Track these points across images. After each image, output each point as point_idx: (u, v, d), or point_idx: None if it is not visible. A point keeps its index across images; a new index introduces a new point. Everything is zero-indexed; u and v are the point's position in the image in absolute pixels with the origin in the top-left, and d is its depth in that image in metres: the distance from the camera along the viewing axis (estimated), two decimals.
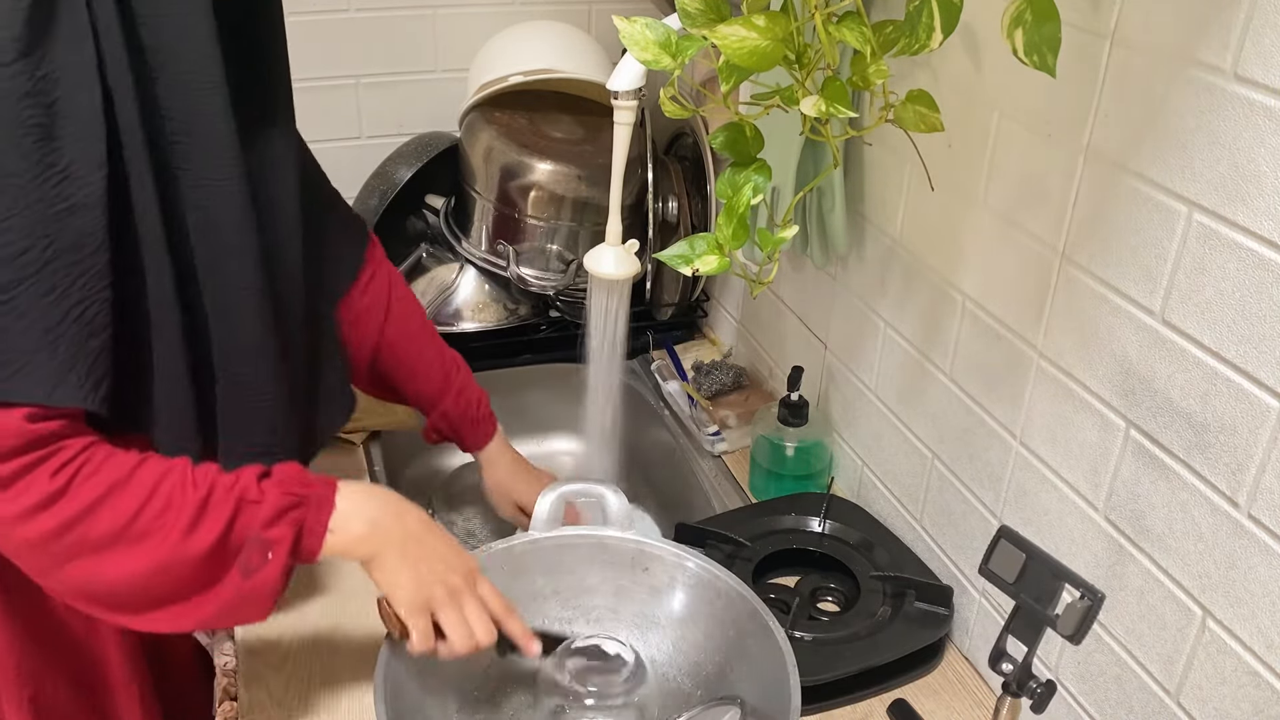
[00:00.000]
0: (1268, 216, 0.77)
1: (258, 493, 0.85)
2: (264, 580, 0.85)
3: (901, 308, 1.24)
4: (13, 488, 0.78)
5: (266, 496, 0.85)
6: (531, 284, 1.59)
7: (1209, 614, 0.88)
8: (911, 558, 1.25)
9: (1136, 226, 0.89)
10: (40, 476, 0.78)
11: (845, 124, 1.12)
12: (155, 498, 0.81)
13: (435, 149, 1.65)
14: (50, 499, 0.78)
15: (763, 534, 1.27)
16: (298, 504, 0.86)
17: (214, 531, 0.82)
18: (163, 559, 0.82)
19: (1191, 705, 0.91)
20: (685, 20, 0.92)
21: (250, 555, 0.84)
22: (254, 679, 1.09)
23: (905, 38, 0.87)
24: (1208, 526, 0.87)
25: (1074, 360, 0.99)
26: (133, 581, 0.82)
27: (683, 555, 1.09)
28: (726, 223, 0.99)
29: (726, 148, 1.01)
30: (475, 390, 1.28)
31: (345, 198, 1.67)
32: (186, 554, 0.82)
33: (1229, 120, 0.79)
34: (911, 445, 1.26)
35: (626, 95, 1.10)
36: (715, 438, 1.51)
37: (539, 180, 1.55)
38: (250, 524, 0.84)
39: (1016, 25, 0.81)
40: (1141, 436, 0.92)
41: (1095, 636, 1.00)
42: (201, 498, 0.83)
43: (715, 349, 1.75)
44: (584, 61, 1.63)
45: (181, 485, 0.83)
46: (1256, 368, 0.80)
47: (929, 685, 1.14)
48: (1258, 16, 0.76)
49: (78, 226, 0.77)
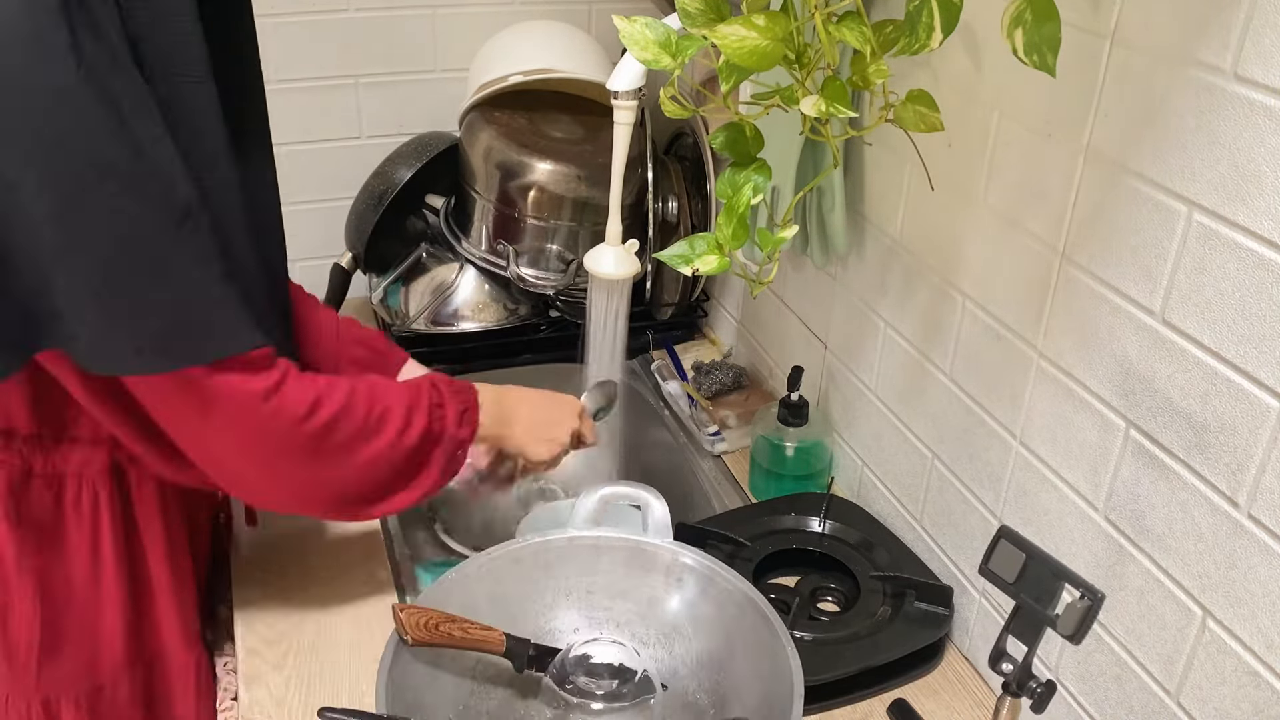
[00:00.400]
0: (1268, 216, 0.77)
1: (436, 395, 1.06)
2: (456, 466, 1.08)
3: (901, 308, 1.24)
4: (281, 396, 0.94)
5: (446, 399, 1.06)
6: (531, 284, 1.59)
7: (1209, 614, 0.88)
8: (911, 558, 1.25)
9: (1136, 226, 0.89)
10: (300, 385, 0.95)
11: (845, 124, 1.12)
12: (375, 400, 1.00)
13: (435, 149, 1.64)
14: (316, 403, 0.96)
15: (763, 534, 1.27)
16: (466, 408, 1.08)
17: (420, 425, 1.03)
18: (385, 454, 1.01)
19: (1191, 705, 0.91)
20: (685, 20, 0.92)
21: (449, 450, 1.06)
22: (254, 679, 1.09)
23: (905, 38, 0.87)
24: (1208, 526, 0.87)
25: (1074, 360, 0.99)
26: (375, 470, 1.01)
27: (715, 569, 1.08)
28: (726, 223, 0.99)
29: (726, 148, 1.01)
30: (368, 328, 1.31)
31: (345, 198, 1.69)
32: (404, 445, 1.02)
33: (1229, 120, 0.79)
34: (911, 445, 1.26)
35: (626, 95, 1.10)
36: (715, 438, 1.51)
37: (539, 180, 1.55)
38: (441, 417, 1.05)
39: (1016, 25, 0.81)
40: (1141, 436, 0.92)
41: (1095, 636, 1.00)
42: (407, 403, 1.03)
43: (715, 349, 1.75)
44: (584, 61, 1.63)
45: (389, 392, 1.03)
46: (1256, 368, 0.80)
47: (929, 685, 1.14)
48: (1258, 16, 0.75)
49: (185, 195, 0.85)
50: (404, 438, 1.02)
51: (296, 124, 1.69)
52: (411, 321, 1.63)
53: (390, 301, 1.66)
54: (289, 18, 1.62)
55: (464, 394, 1.09)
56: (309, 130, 1.70)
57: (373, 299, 1.69)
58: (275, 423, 0.94)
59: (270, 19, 1.61)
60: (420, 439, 1.03)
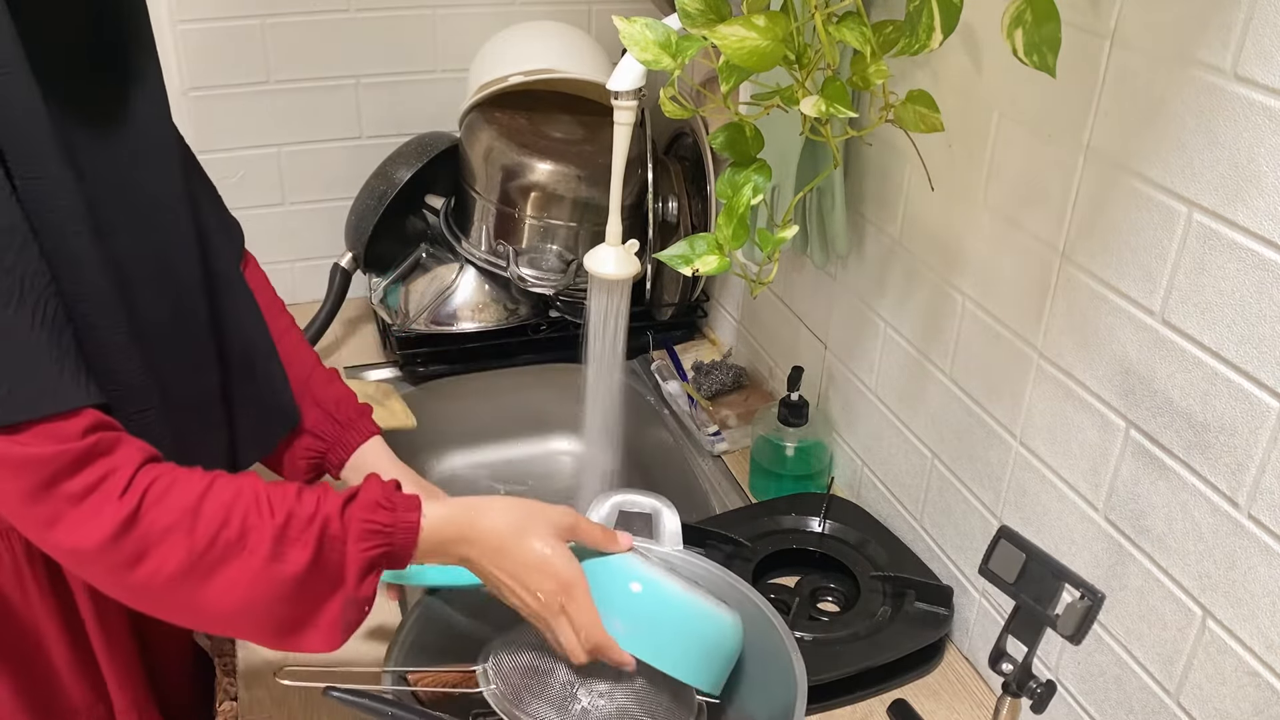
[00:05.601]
0: (1268, 216, 0.77)
1: (340, 528, 0.82)
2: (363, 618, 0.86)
3: (901, 308, 1.24)
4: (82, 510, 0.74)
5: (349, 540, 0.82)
6: (531, 284, 1.59)
7: (1209, 614, 0.88)
8: (911, 558, 1.25)
9: (1136, 226, 0.89)
10: (106, 499, 0.75)
11: (845, 124, 1.12)
12: (230, 524, 0.78)
13: (435, 149, 1.64)
14: (125, 525, 0.75)
15: (763, 534, 1.27)
16: (381, 556, 0.83)
17: (300, 562, 0.79)
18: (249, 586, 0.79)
19: (1191, 705, 0.91)
20: (685, 20, 0.92)
21: (350, 612, 0.83)
22: (254, 679, 1.09)
23: (905, 38, 0.87)
24: (1208, 526, 0.87)
25: (1074, 360, 0.99)
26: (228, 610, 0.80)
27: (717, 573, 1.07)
28: (726, 223, 0.99)
29: (726, 148, 1.01)
30: (344, 387, 1.13)
31: (345, 198, 1.69)
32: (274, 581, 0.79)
33: (1229, 120, 0.79)
34: (911, 445, 1.26)
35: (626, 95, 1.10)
36: (715, 438, 1.51)
37: (539, 180, 1.55)
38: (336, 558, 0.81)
39: (1016, 25, 0.81)
40: (1141, 436, 0.92)
41: (1095, 636, 1.00)
42: (280, 524, 0.79)
43: (715, 349, 1.75)
44: (584, 61, 1.63)
45: (257, 509, 0.79)
46: (1256, 368, 0.80)
47: (929, 685, 1.14)
48: (1258, 16, 0.76)
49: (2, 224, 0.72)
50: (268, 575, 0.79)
51: (296, 124, 1.69)
52: (411, 321, 1.63)
53: (390, 301, 1.66)
54: (289, 18, 1.62)
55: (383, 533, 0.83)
56: (309, 130, 1.70)
57: (373, 299, 1.69)
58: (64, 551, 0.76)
59: (270, 19, 1.61)
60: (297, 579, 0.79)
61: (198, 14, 1.57)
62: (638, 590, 0.93)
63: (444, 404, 1.62)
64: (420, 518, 0.85)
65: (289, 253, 1.75)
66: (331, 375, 1.12)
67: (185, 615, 0.82)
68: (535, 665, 0.95)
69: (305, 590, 0.80)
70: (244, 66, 1.62)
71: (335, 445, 1.08)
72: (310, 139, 1.71)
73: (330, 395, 1.09)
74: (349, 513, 0.83)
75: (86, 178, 0.81)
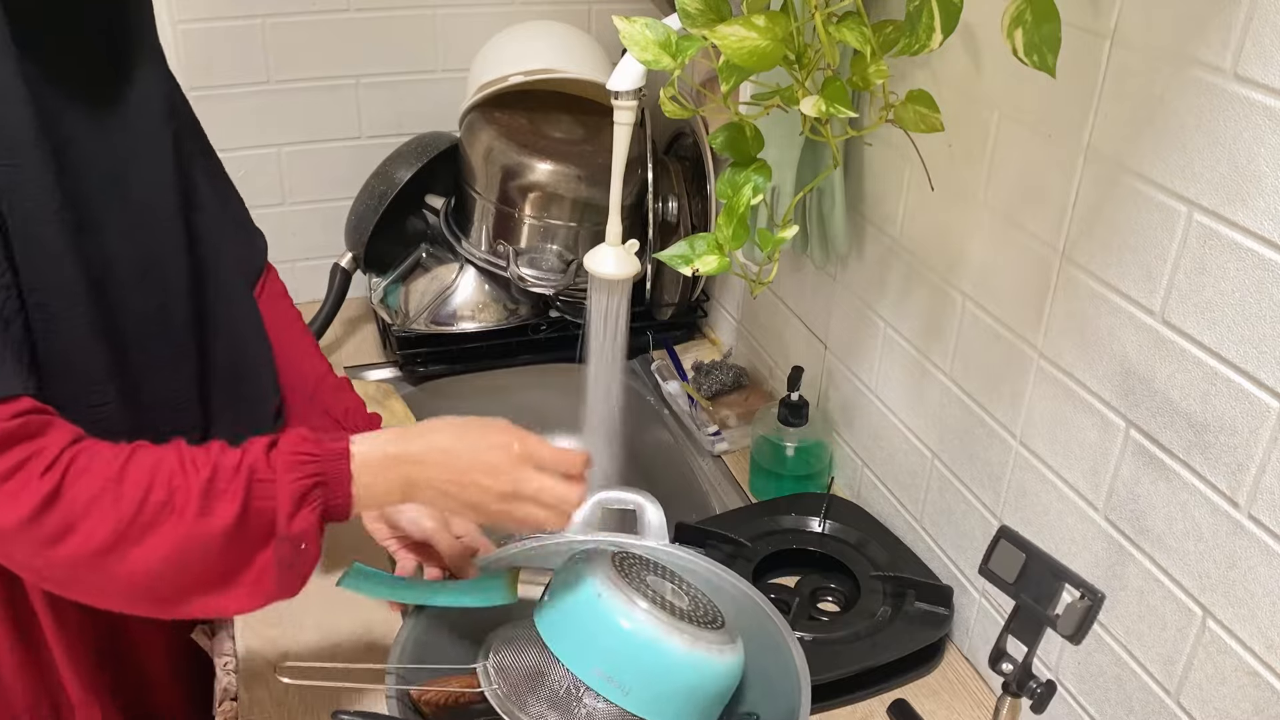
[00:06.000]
0: (1268, 216, 0.77)
1: (268, 470, 0.79)
2: (305, 563, 0.82)
3: (901, 308, 1.24)
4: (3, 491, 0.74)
5: (278, 476, 0.79)
6: (531, 284, 1.59)
7: (1209, 614, 0.88)
8: (911, 558, 1.25)
9: (1136, 226, 0.89)
10: (29, 478, 0.74)
11: (845, 124, 1.12)
12: (155, 487, 0.76)
13: (435, 149, 1.65)
14: (46, 501, 0.74)
15: (763, 534, 1.27)
16: (313, 485, 0.80)
17: (229, 514, 0.77)
18: (177, 546, 0.77)
19: (1191, 705, 0.91)
20: (685, 20, 0.92)
21: (283, 551, 0.80)
22: (254, 679, 1.09)
23: (905, 38, 0.87)
24: (1208, 526, 0.87)
25: (1074, 360, 0.99)
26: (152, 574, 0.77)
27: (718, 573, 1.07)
28: (726, 223, 0.99)
29: (726, 148, 1.01)
30: (354, 396, 1.12)
31: (345, 198, 1.69)
32: (203, 537, 0.77)
33: (1229, 120, 0.79)
34: (911, 445, 1.26)
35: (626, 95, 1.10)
36: (715, 438, 1.51)
37: (539, 180, 1.55)
38: (266, 503, 0.79)
39: (1016, 25, 0.81)
40: (1141, 436, 0.92)
41: (1095, 636, 1.00)
42: (205, 479, 0.77)
43: (715, 349, 1.75)
44: (584, 61, 1.63)
45: (182, 469, 0.77)
46: (1256, 368, 0.80)
47: (929, 685, 1.14)
48: (1258, 16, 0.76)
49: None
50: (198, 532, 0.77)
51: (296, 124, 1.69)
52: (411, 321, 1.63)
53: (390, 301, 1.66)
54: (289, 18, 1.62)
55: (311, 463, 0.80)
56: (309, 130, 1.70)
57: (373, 299, 1.69)
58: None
59: (270, 19, 1.61)
60: (226, 532, 0.77)
61: (198, 14, 1.57)
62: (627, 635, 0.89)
63: (444, 404, 1.62)
64: (349, 444, 0.83)
65: (289, 253, 1.75)
66: (342, 384, 1.11)
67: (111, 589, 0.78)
68: (538, 665, 0.95)
69: (236, 541, 0.78)
70: (244, 66, 1.62)
71: None
72: (310, 139, 1.71)
73: (339, 404, 1.08)
74: (275, 453, 0.80)
75: (79, 172, 0.81)
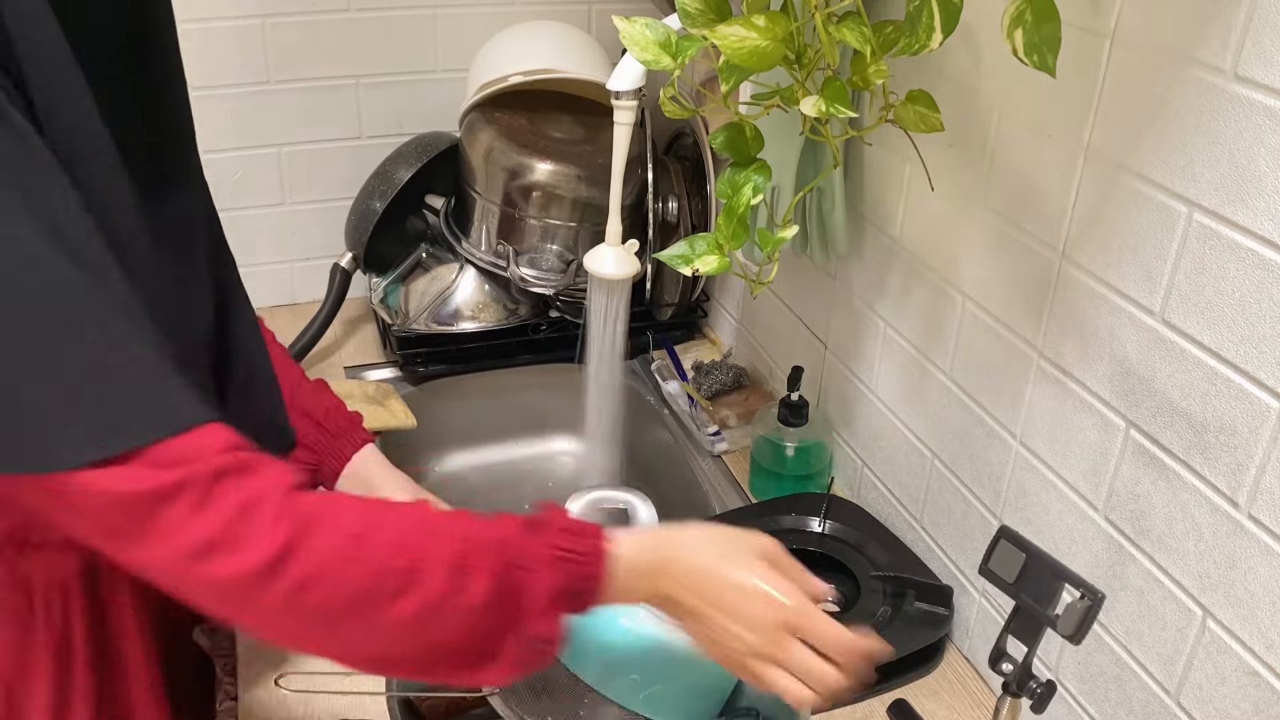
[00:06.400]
0: (1268, 216, 0.77)
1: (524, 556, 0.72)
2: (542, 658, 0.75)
3: (901, 308, 1.24)
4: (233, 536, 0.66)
5: (536, 568, 0.72)
6: (531, 284, 1.59)
7: (1209, 614, 0.88)
8: (911, 558, 1.25)
9: (1136, 226, 0.89)
10: (260, 524, 0.66)
11: (845, 124, 1.12)
12: (400, 550, 0.69)
13: (435, 149, 1.64)
14: (281, 553, 0.66)
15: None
16: (569, 588, 0.73)
17: (477, 593, 0.70)
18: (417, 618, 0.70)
19: (1191, 705, 0.91)
20: (685, 20, 0.92)
21: (522, 644, 0.73)
22: (254, 679, 1.09)
23: (905, 38, 0.87)
24: (1208, 526, 0.87)
25: (1074, 360, 0.99)
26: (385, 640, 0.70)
27: None
28: (726, 223, 0.99)
29: (726, 148, 1.01)
30: (333, 397, 1.10)
31: (345, 198, 1.69)
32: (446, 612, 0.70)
33: (1229, 120, 0.79)
34: (911, 445, 1.26)
35: (626, 95, 1.10)
36: (715, 438, 1.51)
37: (539, 180, 1.55)
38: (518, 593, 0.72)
39: (1016, 25, 0.81)
40: (1141, 436, 0.92)
41: (1095, 636, 1.00)
42: (456, 550, 0.70)
43: (715, 349, 1.75)
44: (584, 61, 1.63)
45: (429, 535, 0.71)
46: (1256, 368, 0.80)
47: (929, 685, 1.14)
48: (1258, 16, 0.75)
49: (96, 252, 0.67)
50: (445, 608, 0.70)
51: (296, 124, 1.69)
52: (411, 321, 1.63)
53: (390, 301, 1.66)
54: (289, 18, 1.62)
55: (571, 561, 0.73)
56: (309, 130, 1.70)
57: (373, 299, 1.69)
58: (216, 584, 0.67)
59: (270, 19, 1.61)
60: (471, 611, 0.70)
61: (198, 14, 1.57)
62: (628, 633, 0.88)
63: (444, 404, 1.63)
64: (608, 544, 0.75)
65: (289, 253, 1.75)
66: (319, 386, 1.11)
67: (337, 649, 0.72)
68: None
69: (479, 622, 0.71)
70: (244, 66, 1.62)
71: (328, 456, 1.07)
72: (310, 139, 1.71)
73: (319, 406, 1.07)
74: (532, 536, 0.74)
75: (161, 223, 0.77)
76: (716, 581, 0.77)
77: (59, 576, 0.83)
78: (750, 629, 0.76)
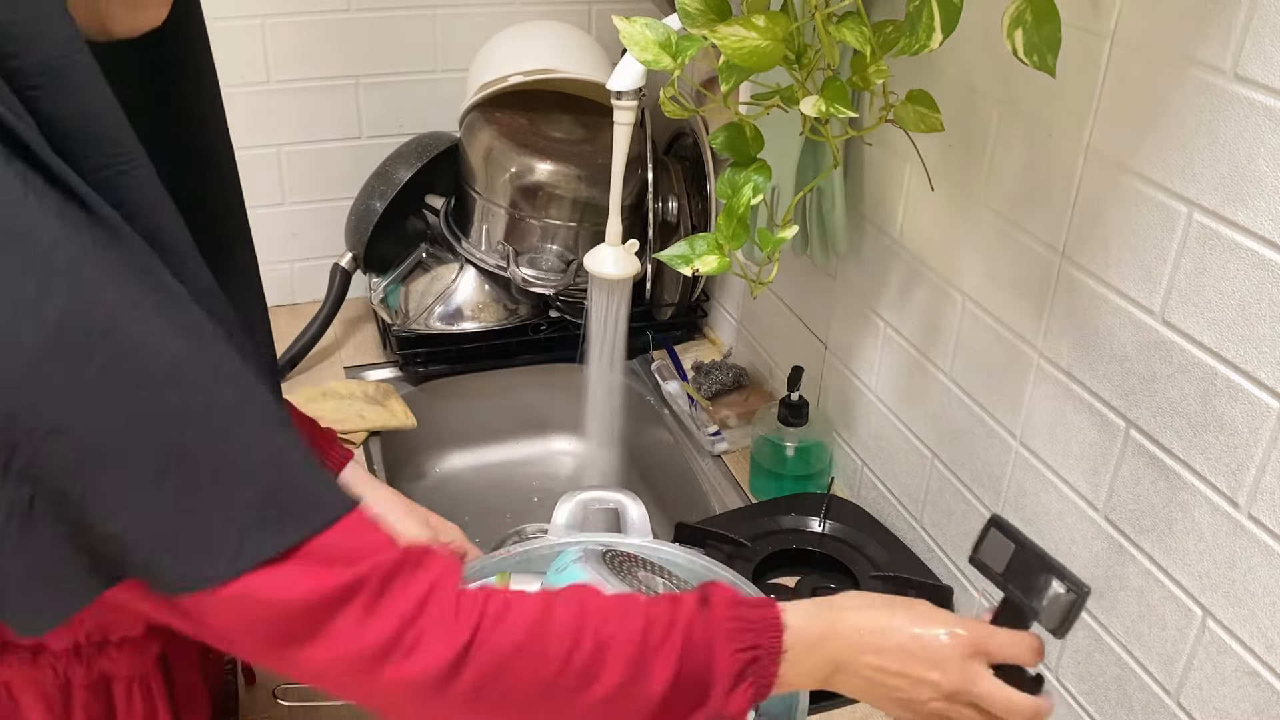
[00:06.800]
0: (1268, 216, 0.77)
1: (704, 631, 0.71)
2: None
3: (901, 308, 1.24)
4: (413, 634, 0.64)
5: (716, 643, 0.71)
6: (531, 284, 1.59)
7: (1209, 614, 0.88)
8: (911, 558, 1.25)
9: (1136, 226, 0.89)
10: (441, 623, 0.65)
11: (845, 124, 1.12)
12: (582, 639, 0.68)
13: (435, 149, 1.65)
14: (463, 652, 0.64)
15: (763, 534, 1.27)
16: (750, 660, 0.72)
17: (663, 677, 0.68)
18: (605, 706, 0.68)
19: (1191, 705, 0.91)
20: (685, 20, 0.92)
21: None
22: (254, 679, 1.09)
23: (905, 38, 0.87)
24: (1208, 526, 0.87)
25: (1074, 360, 0.99)
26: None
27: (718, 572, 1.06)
28: (726, 223, 0.99)
29: (726, 148, 1.01)
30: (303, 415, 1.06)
31: (345, 198, 1.69)
32: (635, 699, 0.69)
33: (1229, 120, 0.79)
34: (911, 445, 1.26)
35: (626, 95, 1.10)
36: (715, 438, 1.51)
37: (539, 180, 1.55)
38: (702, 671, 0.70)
39: (1016, 25, 0.81)
40: (1141, 436, 0.92)
41: (1095, 636, 1.00)
42: (638, 634, 0.69)
43: (715, 349, 1.75)
44: (584, 61, 1.63)
45: (608, 621, 0.69)
46: (1256, 368, 0.80)
47: None
48: (1258, 16, 0.76)
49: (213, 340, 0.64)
50: (630, 695, 0.68)
51: (296, 124, 1.69)
52: (411, 321, 1.63)
53: (390, 301, 1.66)
54: (289, 18, 1.62)
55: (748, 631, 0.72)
56: (309, 130, 1.70)
57: (373, 299, 1.69)
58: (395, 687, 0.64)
59: (270, 19, 1.61)
60: (660, 697, 0.68)
61: None
62: None
63: (444, 404, 1.63)
64: (780, 612, 0.74)
65: (289, 253, 1.75)
66: (288, 407, 1.04)
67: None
68: None
69: (668, 706, 0.69)
70: (244, 66, 1.62)
71: None
72: (310, 139, 1.71)
73: (300, 426, 1.03)
74: (709, 612, 0.72)
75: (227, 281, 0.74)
76: (894, 631, 0.75)
77: (140, 670, 0.80)
78: (938, 667, 0.75)
